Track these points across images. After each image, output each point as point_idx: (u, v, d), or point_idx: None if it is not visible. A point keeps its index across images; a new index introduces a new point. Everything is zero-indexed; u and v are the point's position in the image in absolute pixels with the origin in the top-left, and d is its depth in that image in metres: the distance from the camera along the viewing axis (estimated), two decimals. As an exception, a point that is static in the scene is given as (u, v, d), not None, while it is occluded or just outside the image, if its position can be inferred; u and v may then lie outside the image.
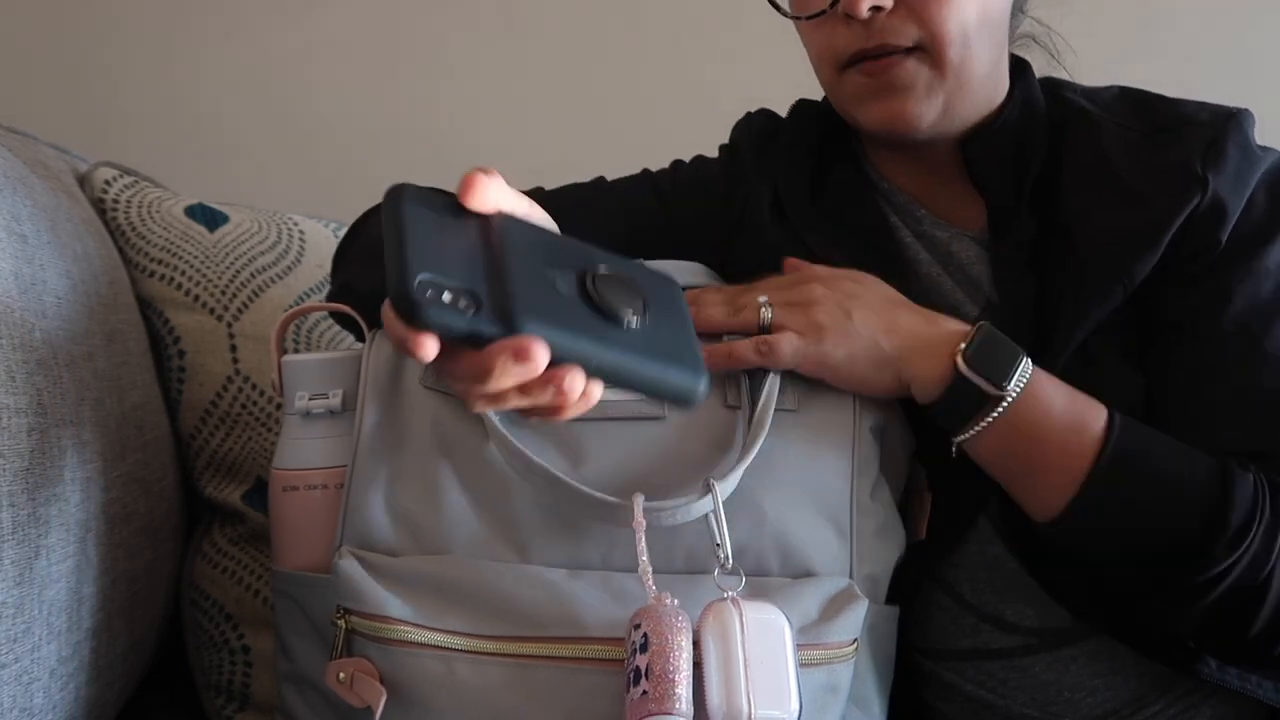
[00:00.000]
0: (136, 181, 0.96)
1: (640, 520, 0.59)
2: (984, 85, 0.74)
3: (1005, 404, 0.65)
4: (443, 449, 0.65)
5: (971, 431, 0.67)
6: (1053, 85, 0.80)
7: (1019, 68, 0.79)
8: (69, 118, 1.35)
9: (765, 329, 0.68)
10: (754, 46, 0.88)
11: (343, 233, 0.99)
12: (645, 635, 0.55)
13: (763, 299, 0.68)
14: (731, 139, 0.88)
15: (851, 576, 0.66)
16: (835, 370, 0.67)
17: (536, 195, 0.85)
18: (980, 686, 0.75)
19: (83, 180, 0.93)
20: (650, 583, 0.57)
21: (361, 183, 1.49)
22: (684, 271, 0.77)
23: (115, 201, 0.92)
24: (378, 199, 0.81)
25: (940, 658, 0.77)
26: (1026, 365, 0.66)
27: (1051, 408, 0.66)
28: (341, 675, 0.61)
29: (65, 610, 0.66)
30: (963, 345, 0.66)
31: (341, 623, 0.62)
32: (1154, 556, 0.65)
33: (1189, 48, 1.38)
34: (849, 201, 0.80)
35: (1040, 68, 0.81)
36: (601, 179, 0.88)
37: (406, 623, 0.61)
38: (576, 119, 1.44)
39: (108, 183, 0.93)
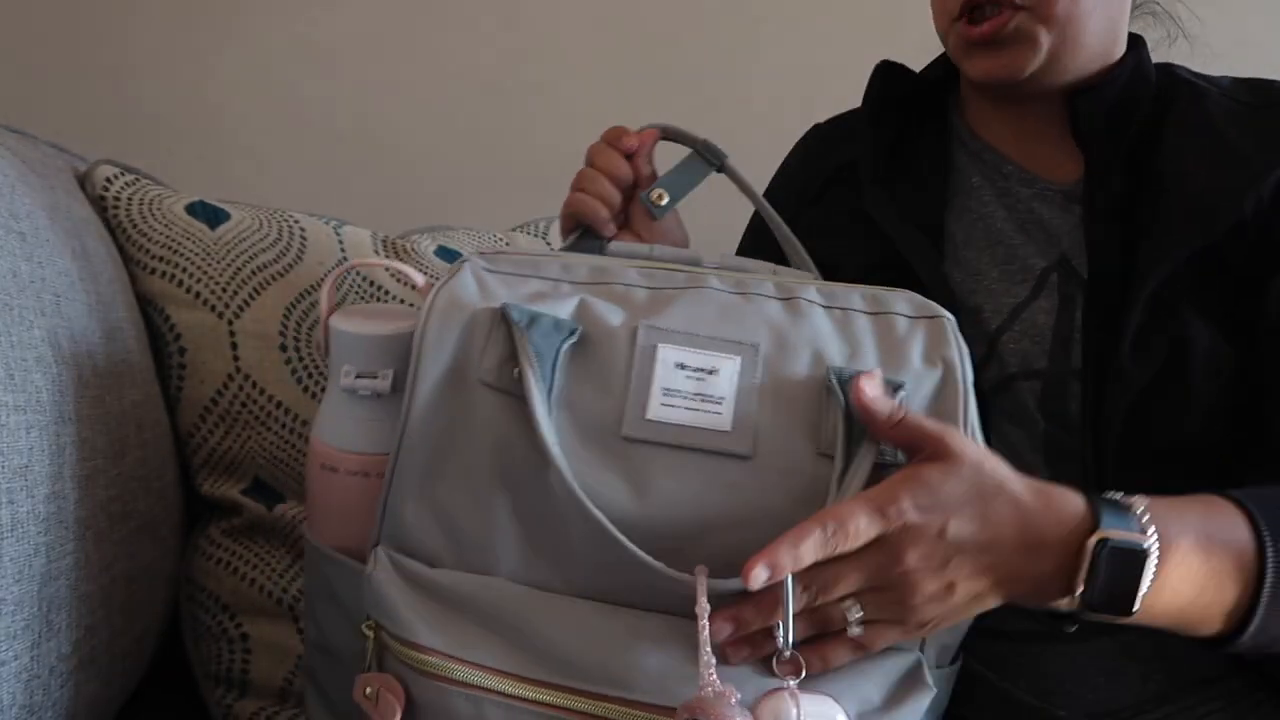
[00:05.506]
0: (137, 179, 0.96)
1: (704, 605, 0.52)
2: (1096, 41, 0.77)
3: (1154, 549, 0.55)
4: (498, 467, 0.59)
5: (1139, 603, 0.56)
6: (1167, 66, 0.82)
7: (1134, 40, 0.82)
8: (69, 118, 1.35)
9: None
10: (765, 47, 0.88)
11: (344, 231, 1.00)
12: None
13: (849, 604, 0.55)
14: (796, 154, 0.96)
15: (922, 649, 0.60)
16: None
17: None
18: (981, 662, 0.74)
19: (83, 178, 0.92)
20: (712, 677, 0.52)
21: (362, 181, 1.49)
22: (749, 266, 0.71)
23: (116, 199, 0.92)
24: (379, 197, 0.81)
25: None
26: (1139, 501, 0.57)
27: (1191, 525, 0.57)
28: (369, 690, 0.59)
29: (65, 607, 0.66)
30: (1090, 521, 0.55)
31: (372, 635, 0.60)
32: None
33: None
34: (924, 156, 0.84)
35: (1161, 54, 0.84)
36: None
37: (437, 652, 0.57)
38: (579, 119, 1.44)
39: (108, 180, 0.93)
